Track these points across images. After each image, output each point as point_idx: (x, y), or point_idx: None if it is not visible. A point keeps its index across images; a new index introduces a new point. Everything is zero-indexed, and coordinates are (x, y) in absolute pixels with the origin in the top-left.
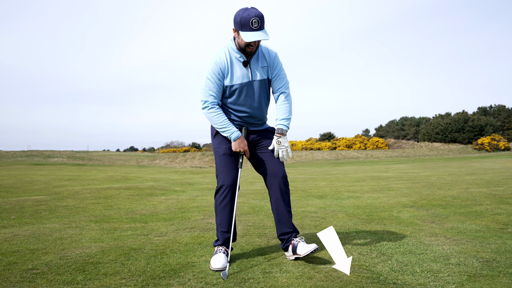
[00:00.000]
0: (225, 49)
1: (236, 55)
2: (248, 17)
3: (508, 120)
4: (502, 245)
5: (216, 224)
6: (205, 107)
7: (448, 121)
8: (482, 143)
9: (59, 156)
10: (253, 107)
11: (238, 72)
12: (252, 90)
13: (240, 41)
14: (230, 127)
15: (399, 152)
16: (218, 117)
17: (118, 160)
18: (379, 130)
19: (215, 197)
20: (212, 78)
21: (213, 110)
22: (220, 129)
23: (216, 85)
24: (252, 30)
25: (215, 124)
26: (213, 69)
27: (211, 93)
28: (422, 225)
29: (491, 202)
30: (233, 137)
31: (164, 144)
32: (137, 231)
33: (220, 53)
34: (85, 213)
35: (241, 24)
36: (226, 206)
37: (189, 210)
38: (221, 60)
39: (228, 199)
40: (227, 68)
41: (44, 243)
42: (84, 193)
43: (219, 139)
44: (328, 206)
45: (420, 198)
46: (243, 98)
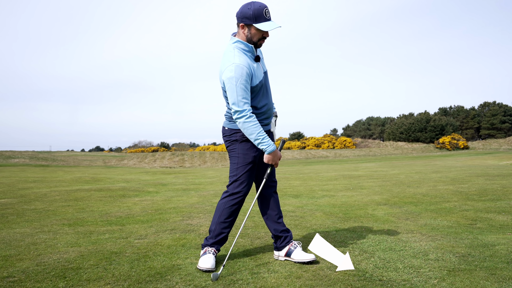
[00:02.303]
0: (238, 51)
1: (249, 54)
2: (260, 8)
3: (467, 120)
4: (474, 240)
5: (215, 224)
6: (243, 116)
7: (411, 121)
8: (443, 142)
9: (20, 157)
10: (270, 99)
11: (257, 70)
12: (268, 82)
13: (254, 35)
14: (267, 138)
15: (366, 151)
16: (256, 127)
17: (84, 161)
18: (347, 129)
19: (224, 198)
20: (243, 84)
21: (252, 119)
22: (257, 140)
23: (248, 90)
24: (267, 20)
25: (252, 134)
26: (241, 74)
27: (246, 101)
28: (397, 222)
29: (458, 199)
30: (270, 149)
31: (132, 144)
32: (115, 234)
33: (238, 56)
34: (56, 216)
35: (255, 17)
36: (236, 210)
37: (166, 212)
38: (246, 63)
39: (240, 205)
40: (252, 70)
41: (17, 249)
42: (52, 195)
43: (248, 146)
44: (305, 205)
45: (392, 196)
46: (265, 93)
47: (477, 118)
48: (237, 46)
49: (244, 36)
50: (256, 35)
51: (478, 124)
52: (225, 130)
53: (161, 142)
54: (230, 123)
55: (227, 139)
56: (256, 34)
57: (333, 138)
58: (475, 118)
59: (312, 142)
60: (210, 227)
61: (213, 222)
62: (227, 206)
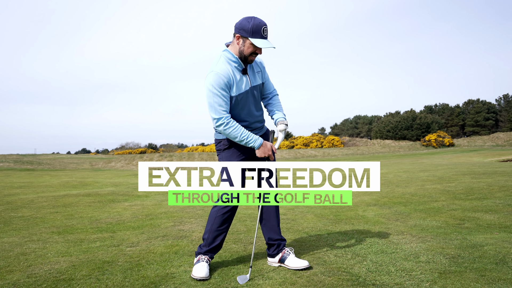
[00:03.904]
0: (222, 60)
1: (234, 64)
2: (259, 25)
3: (452, 118)
4: (463, 241)
5: (208, 232)
6: (220, 124)
7: (398, 119)
8: (429, 139)
9: (5, 161)
10: (254, 113)
11: (240, 81)
12: (253, 96)
13: (247, 48)
14: (252, 136)
15: (354, 149)
16: (238, 129)
17: (70, 164)
18: (334, 128)
19: (216, 206)
20: (219, 92)
21: (231, 125)
22: (242, 141)
23: (225, 98)
24: (263, 38)
25: (236, 137)
26: (218, 83)
27: (223, 109)
28: (388, 223)
29: (446, 198)
30: (257, 144)
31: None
32: (106, 242)
33: (220, 65)
34: (45, 224)
35: (253, 31)
36: (229, 218)
37: (157, 217)
38: (225, 71)
39: (232, 212)
40: (231, 79)
41: (6, 260)
42: (39, 201)
43: (230, 153)
44: (296, 206)
45: (381, 196)
46: (245, 106)
47: (461, 116)
48: (223, 55)
49: (238, 47)
50: (249, 48)
51: (463, 121)
52: (215, 140)
53: (149, 144)
54: (216, 133)
55: (216, 148)
56: (249, 48)
57: (321, 137)
58: (460, 116)
59: (300, 141)
60: (204, 235)
61: (206, 231)
62: (219, 215)
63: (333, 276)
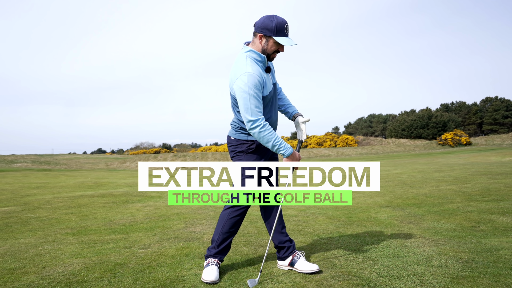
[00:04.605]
0: (250, 60)
1: (260, 63)
2: (282, 23)
3: (469, 116)
4: (478, 245)
5: (218, 234)
6: (257, 125)
7: (413, 117)
8: (446, 138)
9: (23, 161)
10: (276, 112)
11: (267, 81)
12: (276, 95)
13: (270, 47)
14: (284, 143)
15: (368, 149)
16: (272, 133)
17: (86, 164)
18: (348, 127)
19: (228, 209)
20: (255, 93)
21: (266, 128)
22: (274, 147)
23: (260, 99)
24: (286, 36)
25: (269, 142)
26: (254, 83)
27: (258, 110)
28: (400, 225)
29: (461, 199)
30: (287, 153)
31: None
32: (118, 244)
33: (251, 65)
34: (60, 224)
35: (277, 30)
36: (239, 221)
37: (169, 218)
38: (258, 72)
39: (242, 216)
40: (263, 79)
41: (22, 261)
42: (55, 202)
43: (254, 157)
44: (308, 208)
45: (395, 197)
46: (272, 105)
47: (479, 114)
48: (249, 56)
49: (260, 47)
50: (272, 47)
51: (481, 119)
52: (231, 139)
53: (163, 143)
54: (237, 133)
55: (232, 149)
56: (273, 46)
57: (335, 136)
58: (477, 114)
59: (314, 140)
60: (213, 236)
61: (216, 232)
62: (230, 217)
63: (343, 281)
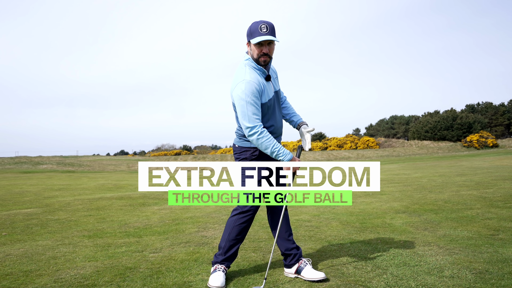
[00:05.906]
0: (248, 68)
1: (258, 71)
2: (257, 24)
3: (496, 117)
4: (494, 254)
5: (225, 241)
6: (255, 132)
7: (437, 119)
8: (471, 140)
9: (48, 163)
10: (279, 119)
11: (267, 88)
12: (277, 102)
13: (253, 51)
14: (282, 149)
15: (389, 151)
16: (270, 140)
17: (109, 165)
18: (370, 129)
19: (234, 215)
20: (252, 100)
21: (264, 134)
22: (273, 153)
23: (258, 106)
24: (262, 35)
25: (267, 148)
26: (251, 90)
27: (256, 117)
28: (415, 232)
29: (481, 205)
30: (286, 159)
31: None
32: (131, 247)
33: (249, 73)
34: (78, 227)
35: (251, 33)
36: (246, 228)
37: (183, 222)
38: (256, 79)
39: (249, 222)
40: (262, 86)
41: (38, 264)
42: (75, 204)
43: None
44: (322, 213)
45: (412, 202)
46: (273, 112)
47: (507, 115)
48: (248, 64)
49: (250, 54)
50: (254, 51)
51: (509, 120)
52: (236, 147)
53: (184, 145)
54: (240, 141)
55: (237, 156)
56: (254, 50)
57: (356, 138)
58: (505, 115)
59: (334, 142)
60: (220, 243)
61: (222, 239)
62: (237, 224)
63: None
